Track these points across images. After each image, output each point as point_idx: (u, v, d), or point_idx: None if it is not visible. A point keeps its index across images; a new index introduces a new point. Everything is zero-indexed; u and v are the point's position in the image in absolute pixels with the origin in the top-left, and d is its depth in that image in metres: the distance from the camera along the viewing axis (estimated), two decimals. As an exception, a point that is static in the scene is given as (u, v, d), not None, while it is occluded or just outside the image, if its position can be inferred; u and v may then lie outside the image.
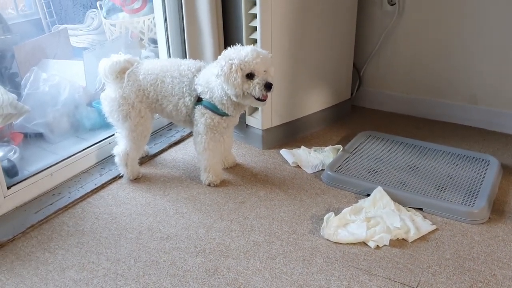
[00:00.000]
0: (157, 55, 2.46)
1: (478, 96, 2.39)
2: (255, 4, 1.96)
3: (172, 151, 2.24)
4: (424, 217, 1.69)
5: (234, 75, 1.66)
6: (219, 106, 1.78)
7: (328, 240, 1.59)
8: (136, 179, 1.99)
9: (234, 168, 2.07)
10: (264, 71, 1.70)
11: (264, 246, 1.58)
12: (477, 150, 2.17)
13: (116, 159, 1.95)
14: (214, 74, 1.71)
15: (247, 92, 1.69)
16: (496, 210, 1.73)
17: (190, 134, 2.36)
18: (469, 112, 2.43)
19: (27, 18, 2.63)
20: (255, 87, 1.67)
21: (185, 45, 2.19)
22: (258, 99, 1.70)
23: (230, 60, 1.67)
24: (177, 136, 2.34)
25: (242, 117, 2.19)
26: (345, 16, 2.32)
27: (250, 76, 1.68)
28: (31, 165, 1.95)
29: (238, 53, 1.69)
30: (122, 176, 1.99)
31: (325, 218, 1.65)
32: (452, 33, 2.35)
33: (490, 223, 1.66)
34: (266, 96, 1.71)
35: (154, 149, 2.21)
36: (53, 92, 2.20)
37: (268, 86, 1.68)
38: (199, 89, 1.79)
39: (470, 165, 1.98)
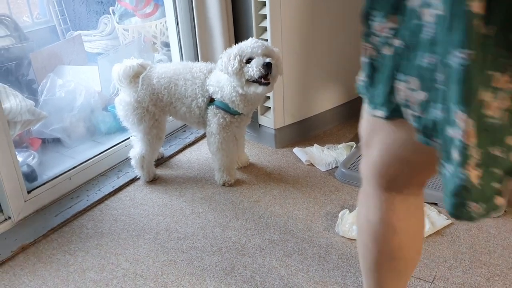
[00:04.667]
0: (170, 59, 2.48)
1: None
2: (264, 5, 1.98)
3: (186, 152, 2.27)
4: (439, 211, 1.68)
5: (232, 62, 1.68)
6: (230, 105, 1.80)
7: (343, 237, 1.60)
8: (153, 181, 2.02)
9: (248, 168, 2.09)
10: (265, 56, 1.70)
11: (280, 244, 1.59)
12: (492, 143, 2.16)
13: (132, 162, 1.98)
14: (219, 69, 1.74)
15: (250, 76, 1.69)
16: (512, 203, 1.72)
17: (203, 136, 2.38)
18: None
19: (42, 26, 2.68)
20: (253, 66, 1.67)
21: (197, 47, 2.21)
22: (260, 82, 1.70)
23: (230, 51, 1.71)
24: (191, 138, 2.37)
25: (255, 117, 2.21)
26: (355, 12, 2.31)
27: (249, 61, 1.69)
28: (50, 169, 1.99)
29: (238, 44, 1.73)
30: (138, 178, 2.02)
31: (339, 215, 1.66)
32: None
33: (506, 216, 1.65)
34: (267, 77, 1.69)
35: (169, 151, 2.24)
36: (69, 97, 2.23)
37: (266, 65, 1.66)
38: (211, 90, 1.81)
39: (485, 158, 1.97)
